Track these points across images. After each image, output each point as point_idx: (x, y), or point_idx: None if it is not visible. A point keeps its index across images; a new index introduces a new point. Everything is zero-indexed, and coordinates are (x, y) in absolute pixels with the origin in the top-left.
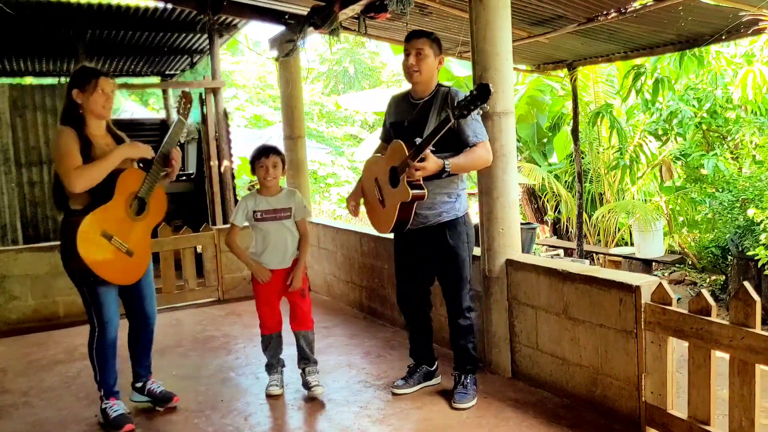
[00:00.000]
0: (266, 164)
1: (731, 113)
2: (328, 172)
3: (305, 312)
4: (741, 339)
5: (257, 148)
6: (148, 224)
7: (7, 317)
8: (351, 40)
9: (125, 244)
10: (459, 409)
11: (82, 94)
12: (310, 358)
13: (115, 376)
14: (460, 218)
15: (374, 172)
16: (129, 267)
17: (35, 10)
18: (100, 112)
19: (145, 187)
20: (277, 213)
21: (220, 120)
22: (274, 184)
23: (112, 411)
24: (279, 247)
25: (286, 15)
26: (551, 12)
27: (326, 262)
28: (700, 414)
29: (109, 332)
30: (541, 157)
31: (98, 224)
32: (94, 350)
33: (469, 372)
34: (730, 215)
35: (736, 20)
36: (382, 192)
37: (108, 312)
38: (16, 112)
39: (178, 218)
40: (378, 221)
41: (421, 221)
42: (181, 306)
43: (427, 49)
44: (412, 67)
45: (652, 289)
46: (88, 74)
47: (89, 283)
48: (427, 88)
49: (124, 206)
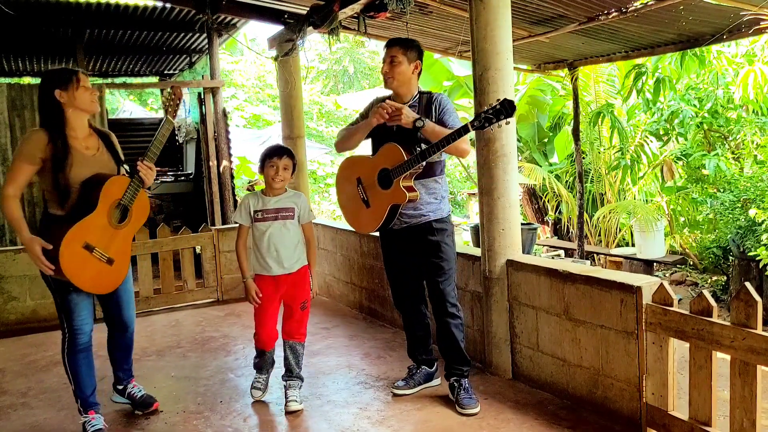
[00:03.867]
0: (278, 164)
1: (732, 113)
2: (327, 172)
3: (299, 322)
4: (742, 340)
5: (270, 146)
6: (130, 231)
7: (5, 318)
8: (351, 40)
9: (106, 254)
10: (469, 415)
11: (65, 93)
12: (293, 371)
13: (92, 386)
14: (444, 218)
15: (356, 171)
16: (108, 276)
17: (34, 10)
18: (89, 106)
19: (129, 194)
20: (278, 212)
21: (219, 120)
22: (281, 186)
23: (90, 426)
24: (281, 249)
25: (285, 14)
26: (552, 11)
27: (326, 263)
28: (701, 415)
29: (80, 339)
30: (541, 157)
31: (81, 236)
32: (66, 357)
33: (466, 375)
34: (731, 215)
35: (737, 20)
36: (366, 192)
37: (78, 319)
38: (15, 111)
39: (177, 218)
40: (360, 221)
41: (405, 221)
42: (180, 307)
43: (400, 56)
44: (387, 74)
45: (653, 290)
46: (67, 72)
47: (65, 291)
48: (407, 92)
49: (107, 214)
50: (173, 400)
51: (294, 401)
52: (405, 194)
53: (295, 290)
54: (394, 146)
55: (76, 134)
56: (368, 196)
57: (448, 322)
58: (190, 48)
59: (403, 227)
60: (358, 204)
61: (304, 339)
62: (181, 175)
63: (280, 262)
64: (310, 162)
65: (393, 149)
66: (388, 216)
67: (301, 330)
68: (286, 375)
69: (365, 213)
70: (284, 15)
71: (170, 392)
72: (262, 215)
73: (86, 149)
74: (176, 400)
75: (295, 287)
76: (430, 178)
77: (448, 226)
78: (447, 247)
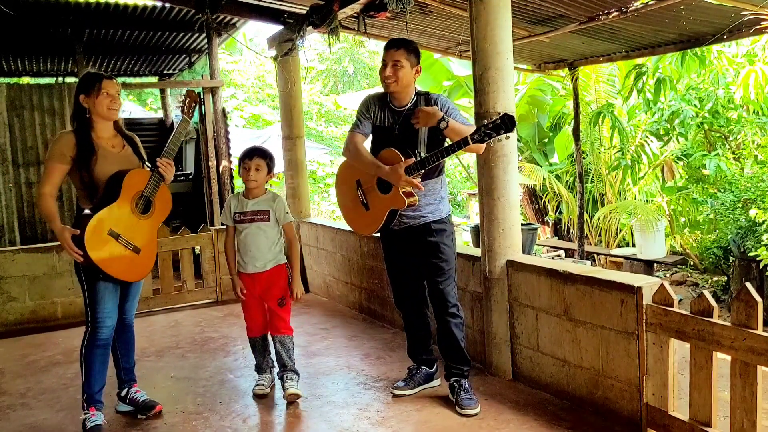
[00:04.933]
0: (249, 165)
1: (733, 113)
2: (327, 173)
3: (282, 318)
4: (743, 340)
5: (246, 148)
6: (154, 222)
7: (5, 318)
8: (350, 39)
9: (132, 242)
10: (468, 416)
11: (87, 98)
12: (287, 365)
13: (101, 384)
14: (444, 218)
15: (356, 174)
16: (136, 264)
17: (33, 9)
18: (107, 114)
19: (151, 186)
20: (254, 215)
21: (218, 120)
22: (255, 186)
23: (89, 422)
24: (254, 250)
25: (284, 14)
26: (552, 11)
27: (325, 263)
28: (701, 416)
29: (100, 333)
30: (542, 157)
31: (105, 223)
32: (84, 349)
33: (466, 375)
34: (732, 216)
35: (737, 20)
36: (366, 196)
37: (103, 311)
38: (14, 111)
39: (177, 219)
40: (359, 223)
41: (404, 222)
42: (180, 307)
43: (403, 60)
44: (389, 78)
45: (653, 290)
46: (92, 79)
47: (95, 279)
48: (406, 95)
49: (131, 205)
50: (172, 401)
51: (292, 386)
52: (404, 200)
53: (270, 288)
54: (393, 152)
55: (100, 135)
56: (368, 199)
57: (448, 322)
58: (190, 48)
59: (402, 228)
60: (358, 206)
61: (290, 332)
62: (181, 175)
63: (254, 261)
64: (309, 162)
65: (392, 155)
66: (387, 219)
67: (286, 324)
68: (281, 370)
69: (364, 216)
70: (284, 15)
71: (169, 393)
72: (240, 217)
73: (112, 147)
74: (175, 401)
75: (270, 285)
76: (430, 180)
77: (447, 226)
78: (446, 247)
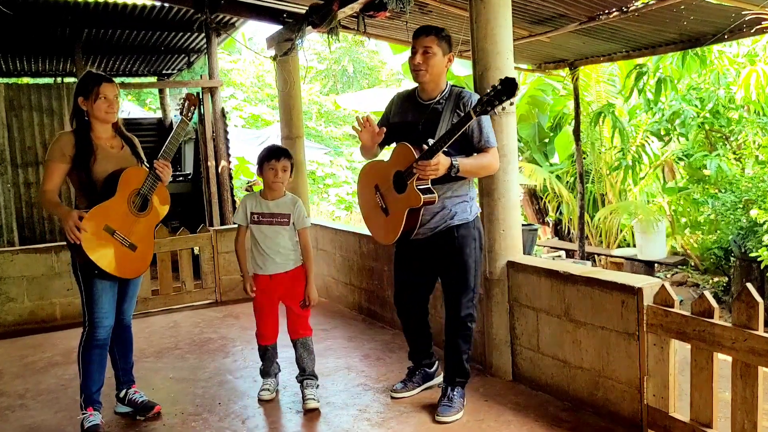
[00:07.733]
0: (276, 167)
1: (734, 113)
2: (326, 173)
3: (301, 318)
4: (743, 341)
5: (268, 147)
6: (151, 220)
7: (3, 319)
8: (350, 39)
9: (128, 239)
10: (442, 423)
11: (86, 101)
12: (307, 369)
13: (99, 384)
14: (470, 222)
15: (373, 178)
16: (132, 261)
17: (32, 9)
18: (104, 117)
19: (148, 184)
20: (274, 217)
21: (217, 120)
22: (280, 188)
23: (87, 422)
24: (275, 250)
25: (284, 14)
26: (552, 10)
27: (324, 264)
28: (702, 417)
29: (98, 333)
30: (542, 158)
31: (100, 219)
32: (82, 349)
33: (457, 384)
34: (732, 216)
35: (738, 19)
36: (384, 199)
37: (100, 311)
38: (12, 112)
39: (175, 219)
40: (381, 231)
41: (429, 228)
42: (179, 308)
43: (434, 47)
44: (419, 66)
45: (654, 291)
46: (90, 82)
47: (91, 276)
48: (436, 87)
49: (127, 202)
50: (171, 402)
51: (312, 399)
52: (419, 196)
53: (293, 287)
54: (405, 146)
55: (99, 135)
56: (386, 203)
57: (456, 331)
58: (189, 48)
59: (424, 238)
60: (378, 213)
61: (311, 333)
62: (180, 176)
63: (274, 261)
64: (309, 162)
65: (404, 150)
66: (408, 221)
67: (306, 324)
68: (300, 374)
69: (385, 222)
70: (283, 14)
71: (168, 394)
72: (258, 218)
73: (111, 147)
74: (174, 402)
75: (292, 285)
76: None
77: (472, 232)
78: (468, 257)
